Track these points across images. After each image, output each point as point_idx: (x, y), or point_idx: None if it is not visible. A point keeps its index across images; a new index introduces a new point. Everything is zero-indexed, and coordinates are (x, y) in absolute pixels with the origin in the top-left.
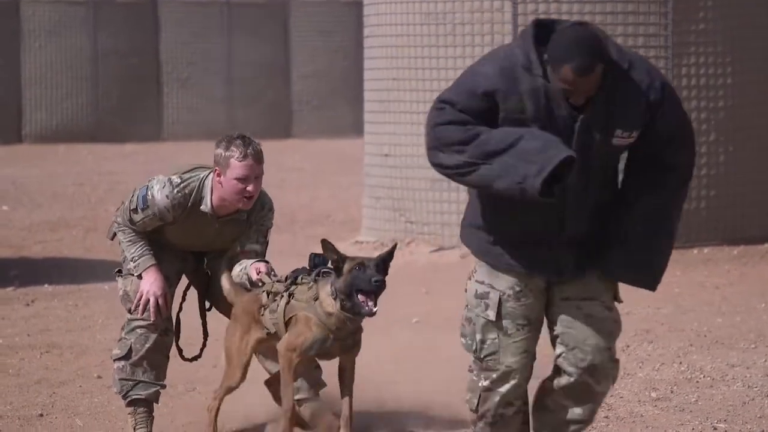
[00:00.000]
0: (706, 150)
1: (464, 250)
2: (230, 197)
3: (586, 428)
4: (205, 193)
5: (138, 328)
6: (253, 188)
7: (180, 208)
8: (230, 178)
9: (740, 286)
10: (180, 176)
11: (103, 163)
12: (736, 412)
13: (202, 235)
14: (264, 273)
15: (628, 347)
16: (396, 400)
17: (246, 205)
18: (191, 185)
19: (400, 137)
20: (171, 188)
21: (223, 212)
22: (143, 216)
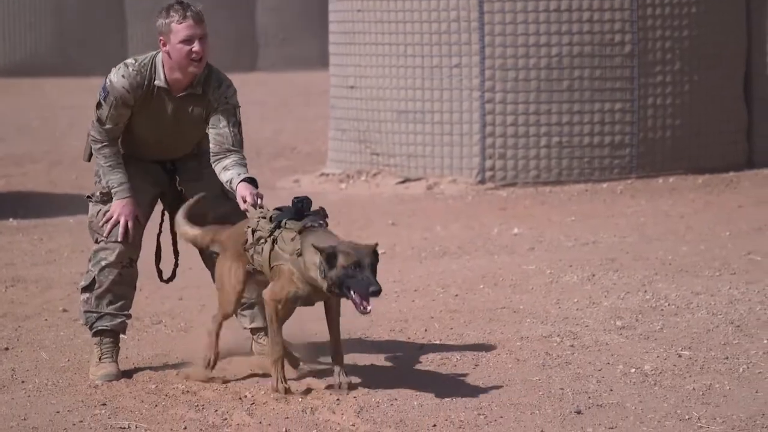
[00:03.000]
0: (670, 79)
1: (430, 181)
2: (180, 63)
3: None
4: (158, 69)
5: (103, 260)
6: (199, 47)
7: (138, 88)
8: (175, 43)
9: (705, 215)
10: (134, 58)
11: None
12: (701, 339)
13: (164, 120)
14: (250, 203)
15: (594, 276)
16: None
17: (197, 68)
18: (144, 63)
19: (365, 69)
20: (126, 69)
21: (177, 87)
22: (108, 107)
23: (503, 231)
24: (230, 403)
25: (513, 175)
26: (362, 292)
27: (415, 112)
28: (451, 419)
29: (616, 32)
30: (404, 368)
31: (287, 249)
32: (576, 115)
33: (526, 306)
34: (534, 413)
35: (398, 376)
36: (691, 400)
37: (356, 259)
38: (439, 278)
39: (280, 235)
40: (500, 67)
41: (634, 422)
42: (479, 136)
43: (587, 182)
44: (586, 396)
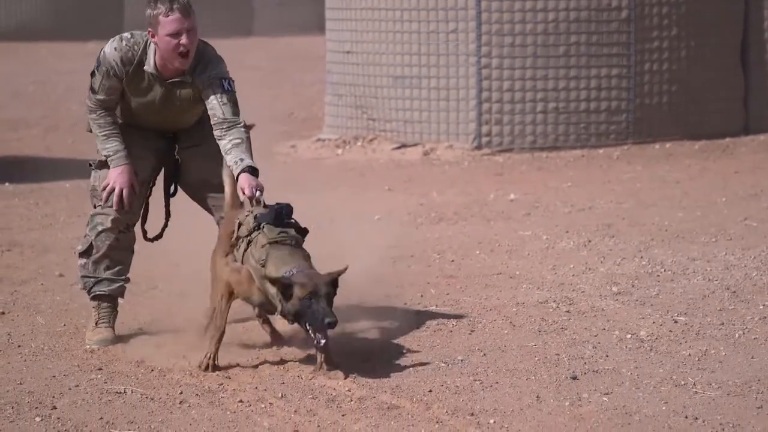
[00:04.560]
0: (667, 45)
1: (427, 147)
2: (167, 55)
3: None
4: (149, 54)
5: (100, 225)
6: (186, 41)
7: (128, 63)
8: (162, 36)
9: (701, 181)
10: (132, 33)
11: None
12: (696, 305)
13: (155, 103)
14: (248, 196)
15: (590, 242)
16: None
17: (184, 63)
18: (138, 42)
19: (361, 34)
20: (120, 41)
21: (167, 74)
22: (100, 77)
23: (499, 197)
24: (226, 368)
25: (509, 141)
26: (317, 326)
27: (412, 77)
28: (446, 385)
29: None
30: (400, 334)
31: (255, 255)
32: (572, 81)
33: (522, 272)
34: (530, 379)
35: (394, 341)
36: (687, 365)
37: (312, 290)
38: (435, 244)
39: (256, 238)
40: (496, 33)
41: (629, 388)
42: (475, 101)
43: (583, 148)
44: (582, 362)
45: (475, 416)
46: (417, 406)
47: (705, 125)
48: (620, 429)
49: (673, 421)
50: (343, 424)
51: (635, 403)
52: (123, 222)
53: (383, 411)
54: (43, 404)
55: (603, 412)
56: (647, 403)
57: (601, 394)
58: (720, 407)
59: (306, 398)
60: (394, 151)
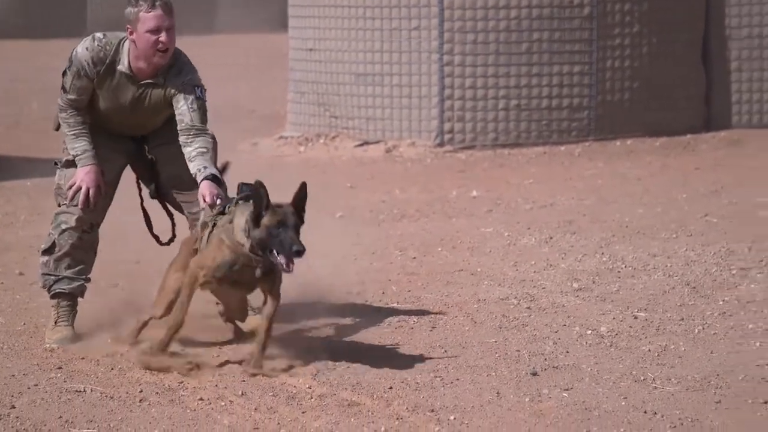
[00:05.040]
0: (629, 42)
1: (389, 144)
2: (145, 53)
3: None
4: (122, 55)
5: (64, 223)
6: (166, 39)
7: (99, 63)
8: (142, 32)
9: (662, 177)
10: (104, 34)
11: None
12: (657, 301)
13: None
14: (208, 203)
15: (551, 239)
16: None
17: (162, 58)
18: (111, 42)
19: (324, 31)
20: (92, 42)
21: (141, 75)
22: (71, 77)
23: (461, 194)
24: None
25: (471, 138)
26: (285, 252)
27: (374, 74)
28: (407, 381)
29: None
30: (361, 331)
31: (221, 223)
32: (534, 78)
33: (483, 268)
34: (490, 375)
35: (355, 338)
36: (647, 361)
37: (280, 218)
38: (397, 241)
39: (221, 219)
40: (459, 30)
41: (589, 383)
42: (438, 98)
43: (545, 145)
44: (542, 358)
45: (436, 413)
46: (377, 402)
47: (666, 122)
48: (580, 424)
49: (633, 417)
50: (303, 422)
51: (595, 399)
52: (87, 221)
53: (343, 408)
54: (1, 403)
55: (563, 407)
56: (607, 399)
57: (561, 390)
58: (679, 402)
59: (266, 396)
60: (356, 149)
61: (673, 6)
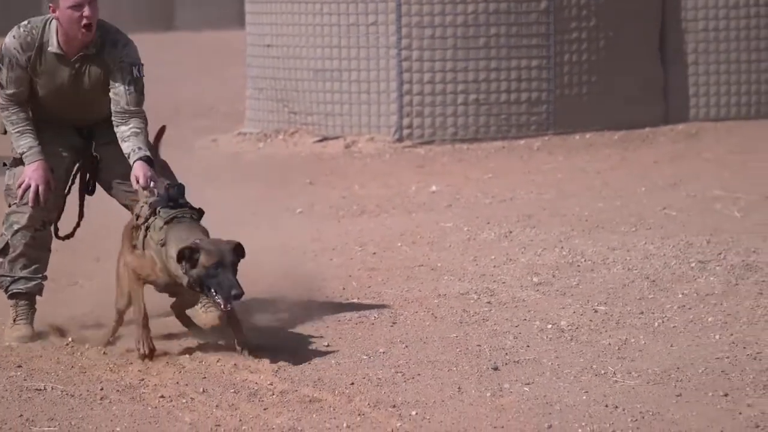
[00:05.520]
0: (586, 36)
1: (348, 140)
2: (70, 29)
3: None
4: (51, 35)
5: (15, 223)
6: (89, 13)
7: (28, 48)
8: (64, 8)
9: (621, 171)
10: (28, 20)
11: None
12: (617, 294)
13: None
14: (142, 185)
15: (511, 233)
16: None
17: (87, 35)
18: (36, 25)
19: (281, 27)
20: (18, 30)
21: (71, 50)
22: (5, 71)
23: (421, 189)
24: (147, 363)
25: (431, 133)
26: (224, 294)
27: (332, 70)
28: (368, 377)
29: None
30: (322, 327)
31: (155, 237)
32: (492, 72)
33: (443, 263)
34: (451, 370)
35: (316, 335)
36: (607, 354)
37: (218, 259)
38: (357, 237)
39: (153, 223)
40: (416, 25)
41: (550, 378)
42: (396, 94)
43: (504, 139)
44: (503, 352)
45: (397, 408)
46: (339, 398)
47: (624, 115)
48: (541, 418)
49: (594, 410)
50: (265, 418)
51: (556, 393)
52: (39, 219)
53: (305, 404)
54: None
55: (524, 402)
56: (568, 393)
57: (522, 384)
58: (640, 396)
59: (228, 393)
60: (315, 145)
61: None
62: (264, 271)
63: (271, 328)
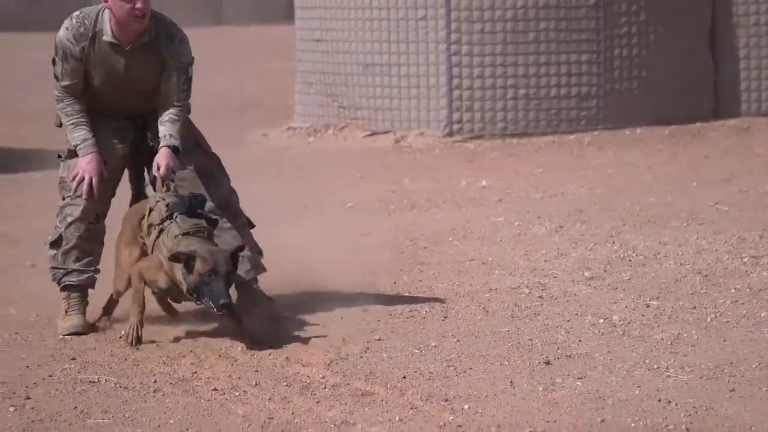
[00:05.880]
0: (636, 30)
1: (398, 135)
2: (122, 20)
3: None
4: (104, 24)
5: (69, 216)
6: (141, 5)
7: (82, 38)
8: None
9: (672, 166)
10: (80, 10)
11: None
12: (669, 289)
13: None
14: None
15: (562, 227)
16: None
17: (141, 24)
18: (89, 15)
19: (331, 22)
20: (70, 21)
21: (125, 39)
22: (60, 63)
23: (471, 183)
24: (200, 356)
25: (480, 128)
26: (214, 302)
27: (382, 65)
28: (420, 371)
29: None
30: (373, 321)
31: (167, 244)
32: (542, 67)
33: (494, 258)
34: (503, 364)
35: (367, 329)
36: (660, 349)
37: (212, 267)
38: (407, 231)
39: (168, 228)
40: (466, 20)
41: (602, 372)
42: (446, 88)
43: (554, 134)
44: (555, 347)
45: (449, 402)
46: (391, 392)
47: (675, 110)
48: (594, 413)
49: (647, 405)
50: (317, 411)
51: (608, 388)
52: (92, 212)
53: (357, 397)
54: (16, 394)
55: (576, 396)
56: (620, 387)
57: (574, 379)
58: (693, 391)
59: (280, 386)
60: (365, 139)
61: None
62: (314, 264)
63: (322, 321)
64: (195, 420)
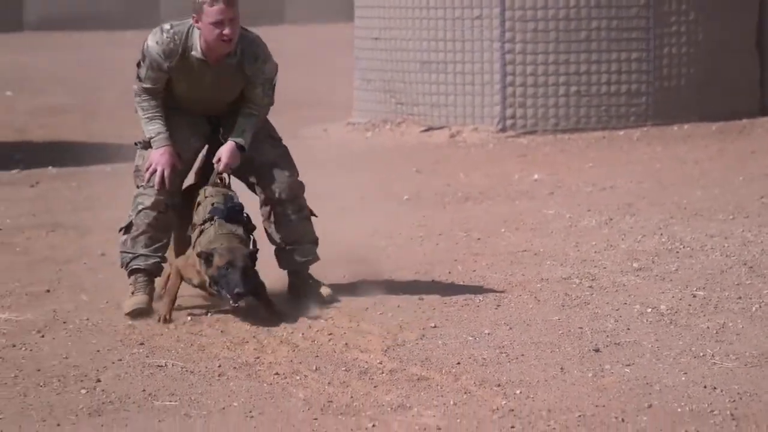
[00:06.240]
0: (685, 29)
1: (453, 130)
2: (211, 43)
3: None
4: (194, 41)
5: (140, 204)
6: (229, 32)
7: (172, 54)
8: (206, 24)
9: (719, 161)
10: (171, 24)
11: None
12: (715, 280)
13: (203, 87)
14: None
15: (611, 220)
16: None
17: (228, 47)
18: (180, 31)
19: (389, 21)
20: (161, 34)
21: (213, 57)
22: (145, 69)
23: (523, 177)
24: (263, 342)
25: (533, 123)
26: (230, 292)
27: (438, 62)
28: (474, 357)
29: None
30: (429, 309)
31: (203, 244)
32: (593, 65)
33: (546, 249)
34: (554, 351)
35: (423, 316)
36: (706, 338)
37: (229, 260)
38: (462, 223)
39: (207, 230)
40: (519, 19)
41: (650, 359)
42: (500, 85)
43: (604, 129)
44: (604, 335)
45: (502, 387)
46: (446, 377)
47: (722, 107)
48: (641, 399)
49: (693, 391)
50: (375, 395)
51: (656, 374)
52: (163, 203)
53: (413, 382)
54: (88, 377)
55: (625, 382)
56: (667, 374)
57: (622, 366)
58: (737, 378)
59: (339, 371)
60: (421, 134)
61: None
62: (372, 254)
63: (379, 308)
64: (258, 403)
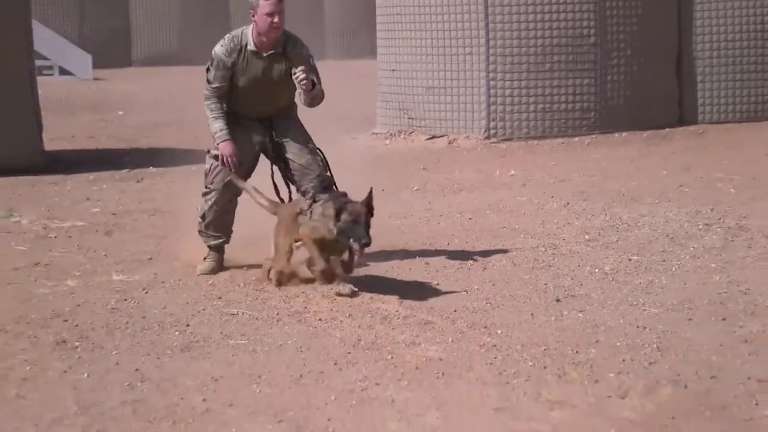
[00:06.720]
0: (624, 62)
1: (451, 138)
2: (264, 30)
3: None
4: (248, 38)
5: (209, 200)
6: (278, 20)
7: (234, 51)
8: (261, 15)
9: (648, 159)
10: (231, 33)
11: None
12: (645, 248)
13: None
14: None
15: (568, 204)
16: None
17: (276, 33)
18: (236, 34)
19: (403, 56)
20: (224, 40)
21: (264, 47)
22: (214, 71)
23: (503, 173)
24: (309, 296)
25: (510, 132)
26: (356, 241)
27: (439, 87)
28: (466, 306)
29: (584, 28)
30: (432, 271)
31: (317, 212)
32: (555, 88)
33: (519, 226)
34: (526, 302)
35: (429, 276)
36: (638, 291)
37: (354, 217)
38: (457, 207)
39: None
40: (500, 54)
41: (597, 307)
42: (485, 104)
43: (564, 137)
44: (563, 289)
45: (487, 328)
46: (445, 321)
47: (651, 120)
48: (591, 336)
49: (628, 330)
50: (393, 335)
51: (601, 318)
52: (226, 198)
53: (422, 325)
54: (180, 323)
55: (578, 324)
56: (610, 318)
57: (577, 312)
58: (661, 320)
59: (366, 317)
60: (426, 141)
61: (655, 34)
62: (390, 231)
63: (395, 271)
64: (305, 341)
